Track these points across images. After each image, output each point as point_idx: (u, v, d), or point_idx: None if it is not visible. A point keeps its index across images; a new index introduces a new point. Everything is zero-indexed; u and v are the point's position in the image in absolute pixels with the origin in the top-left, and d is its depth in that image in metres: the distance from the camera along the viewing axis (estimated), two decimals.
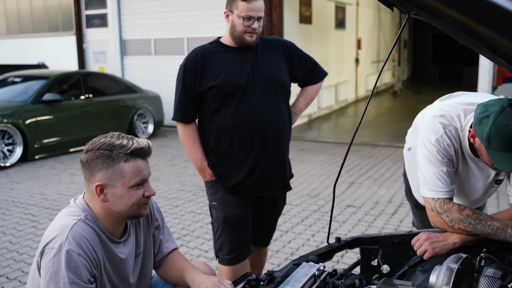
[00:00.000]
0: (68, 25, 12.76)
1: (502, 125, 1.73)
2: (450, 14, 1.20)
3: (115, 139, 1.80)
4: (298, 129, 10.73)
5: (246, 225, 2.89)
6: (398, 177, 6.75)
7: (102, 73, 10.54)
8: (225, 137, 2.75)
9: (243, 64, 2.72)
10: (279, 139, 2.82)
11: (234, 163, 2.78)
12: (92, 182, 1.80)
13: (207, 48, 2.76)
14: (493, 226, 1.90)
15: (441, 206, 2.02)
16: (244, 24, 2.63)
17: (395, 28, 19.50)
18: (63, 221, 1.78)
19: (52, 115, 8.32)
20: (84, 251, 1.72)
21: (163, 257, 2.15)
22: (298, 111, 3.08)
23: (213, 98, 2.70)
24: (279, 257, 4.26)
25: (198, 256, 4.27)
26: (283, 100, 2.84)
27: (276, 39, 2.94)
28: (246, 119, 2.71)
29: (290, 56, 2.88)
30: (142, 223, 2.05)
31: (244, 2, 2.59)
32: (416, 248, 2.00)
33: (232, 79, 2.68)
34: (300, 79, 2.99)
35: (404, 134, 2.11)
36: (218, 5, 10.46)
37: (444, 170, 2.05)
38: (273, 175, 2.86)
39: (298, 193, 6.06)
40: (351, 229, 4.86)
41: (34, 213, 5.48)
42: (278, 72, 2.79)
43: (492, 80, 8.94)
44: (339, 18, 13.37)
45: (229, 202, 2.81)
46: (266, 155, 2.78)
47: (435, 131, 2.04)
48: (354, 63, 14.97)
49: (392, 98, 15.86)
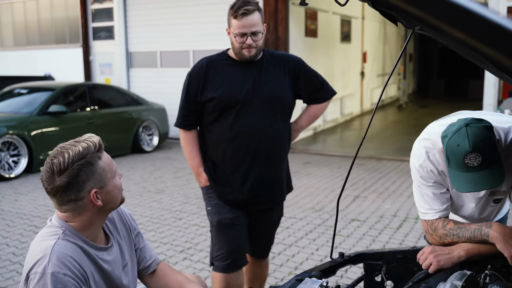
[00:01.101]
0: (75, 37, 12.85)
1: (455, 145, 1.79)
2: (453, 33, 1.19)
3: (74, 147, 1.74)
4: (303, 142, 10.73)
5: (241, 230, 2.91)
6: (403, 191, 6.72)
7: (108, 85, 10.59)
8: (220, 148, 2.81)
9: (245, 79, 2.74)
10: (273, 156, 2.83)
11: (227, 174, 2.84)
12: (83, 196, 1.74)
13: (213, 60, 2.81)
14: (471, 229, 1.95)
15: (431, 227, 2.08)
16: (238, 41, 2.67)
17: (400, 42, 19.53)
18: (42, 243, 1.73)
19: (58, 127, 8.36)
20: (70, 269, 1.67)
21: (147, 266, 2.12)
22: (299, 128, 3.09)
23: (212, 109, 2.76)
24: (282, 271, 4.23)
25: (201, 269, 4.25)
26: (283, 117, 2.86)
27: (284, 55, 2.93)
28: (241, 133, 2.75)
29: (296, 73, 2.88)
30: (123, 235, 2.03)
31: (235, 19, 2.64)
32: (421, 262, 1.99)
33: (232, 92, 2.71)
34: (305, 97, 2.99)
35: (409, 147, 2.11)
36: (223, 18, 10.50)
37: (429, 193, 2.08)
38: (263, 190, 2.87)
39: (302, 207, 6.04)
40: (356, 243, 4.83)
41: (38, 225, 5.48)
42: (280, 89, 2.80)
43: (497, 94, 8.91)
44: (344, 32, 13.41)
45: (223, 207, 2.87)
46: (258, 170, 2.81)
47: (418, 156, 2.09)
48: (360, 76, 14.98)
49: (397, 111, 15.85)
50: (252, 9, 2.62)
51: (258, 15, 2.65)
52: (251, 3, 2.63)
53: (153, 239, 4.96)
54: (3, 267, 4.37)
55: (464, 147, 1.76)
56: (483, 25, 1.06)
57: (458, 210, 2.24)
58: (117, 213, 2.05)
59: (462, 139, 1.77)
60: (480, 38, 1.09)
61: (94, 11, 12.45)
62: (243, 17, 2.61)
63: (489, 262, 1.93)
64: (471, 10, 1.04)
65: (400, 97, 17.14)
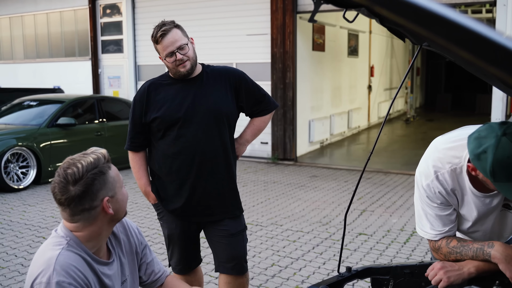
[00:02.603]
0: (84, 50, 12.98)
1: (504, 158, 1.67)
2: (459, 53, 1.21)
3: (85, 158, 1.79)
4: (309, 156, 10.73)
5: (189, 242, 3.06)
6: (410, 205, 6.70)
7: (116, 98, 10.66)
8: (166, 163, 2.92)
9: (185, 96, 2.86)
10: (216, 168, 2.90)
11: (174, 188, 2.93)
12: (96, 205, 1.77)
13: (154, 82, 2.96)
14: (473, 248, 1.94)
15: (434, 246, 2.09)
16: (170, 62, 2.79)
17: (408, 56, 19.55)
18: (46, 254, 1.74)
19: (66, 139, 8.42)
20: (75, 279, 1.69)
21: (156, 279, 2.14)
22: (244, 142, 3.14)
23: (157, 128, 2.89)
24: (289, 284, 4.23)
25: (208, 282, 4.25)
26: (225, 130, 2.92)
27: (224, 68, 3.01)
28: (184, 148, 2.85)
29: (237, 85, 2.96)
30: (126, 250, 2.04)
31: (158, 45, 2.79)
32: (431, 278, 1.98)
33: (172, 111, 2.84)
34: (247, 109, 3.05)
35: (416, 161, 2.10)
36: (233, 32, 10.61)
37: (433, 214, 2.06)
38: (212, 201, 2.93)
39: (309, 220, 6.03)
40: (363, 258, 4.81)
41: (46, 236, 5.50)
42: (221, 102, 2.89)
43: (506, 108, 8.89)
44: (352, 46, 13.46)
45: (171, 222, 3.02)
46: (203, 183, 2.89)
47: (426, 175, 2.04)
48: (367, 90, 15.00)
49: (404, 125, 15.82)
50: (168, 28, 2.75)
51: (177, 31, 2.78)
52: (165, 24, 2.77)
53: (160, 251, 4.97)
54: (11, 277, 4.39)
55: None
56: (489, 47, 1.07)
57: (481, 226, 2.17)
58: (123, 227, 2.06)
59: (510, 149, 1.65)
60: (486, 58, 1.11)
61: (103, 25, 12.58)
62: (163, 38, 2.74)
63: (496, 277, 1.93)
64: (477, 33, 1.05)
65: (408, 111, 17.12)
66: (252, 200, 7.00)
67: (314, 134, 11.14)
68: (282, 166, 9.82)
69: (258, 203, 6.85)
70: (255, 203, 6.86)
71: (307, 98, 10.73)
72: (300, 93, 10.26)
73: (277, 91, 10.02)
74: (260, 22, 10.23)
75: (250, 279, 4.24)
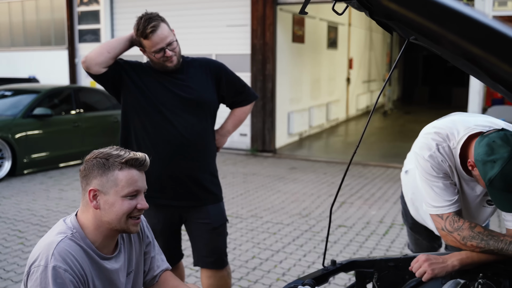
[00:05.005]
0: (61, 39, 12.75)
1: (509, 174, 1.74)
2: (453, 40, 1.20)
3: (114, 150, 1.85)
4: (288, 148, 10.75)
5: (171, 236, 3.02)
6: (389, 197, 6.76)
7: (94, 88, 10.49)
8: (147, 152, 2.84)
9: (166, 85, 2.82)
10: (197, 156, 2.87)
11: (155, 176, 2.79)
12: (87, 189, 1.82)
13: (143, 65, 2.92)
14: (505, 240, 1.91)
15: (451, 225, 2.03)
16: (157, 58, 2.74)
17: (386, 49, 19.68)
18: (48, 239, 1.78)
19: (42, 130, 8.26)
20: (70, 267, 1.71)
21: (154, 276, 2.13)
22: (225, 133, 3.13)
23: (134, 109, 2.86)
24: (270, 277, 4.23)
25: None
26: (206, 118, 2.92)
27: (204, 59, 3.00)
28: (165, 136, 2.80)
29: (218, 75, 2.96)
30: (134, 241, 2.04)
31: (146, 40, 2.70)
32: (415, 270, 1.99)
33: (151, 98, 2.80)
34: (228, 100, 3.06)
35: (394, 153, 2.12)
36: (212, 23, 10.53)
37: (440, 185, 2.07)
38: (193, 187, 2.88)
39: (289, 212, 6.04)
40: (343, 250, 4.84)
41: (21, 229, 5.41)
42: (202, 91, 2.88)
43: (482, 101, 9.02)
44: (331, 38, 13.48)
45: (153, 217, 2.88)
46: (177, 166, 2.83)
47: (428, 147, 2.07)
48: (346, 82, 15.07)
49: (382, 117, 15.95)
50: (157, 23, 2.68)
51: (165, 26, 2.72)
52: (153, 18, 2.69)
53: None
54: None
55: None
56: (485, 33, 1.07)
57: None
58: None
59: None
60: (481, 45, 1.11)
61: (81, 14, 12.37)
62: (153, 34, 2.67)
63: (480, 270, 1.95)
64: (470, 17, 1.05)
65: (385, 103, 17.26)
66: (232, 192, 6.98)
67: (293, 126, 11.15)
68: (261, 158, 9.82)
69: (238, 195, 6.83)
70: (235, 195, 6.85)
71: (286, 90, 10.73)
72: (279, 85, 10.25)
73: (257, 82, 9.99)
74: (240, 13, 10.18)
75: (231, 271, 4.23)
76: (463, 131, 2.01)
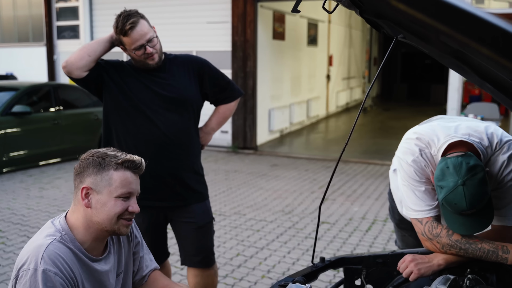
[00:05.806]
0: (39, 35, 12.57)
1: (452, 203, 1.85)
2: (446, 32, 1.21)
3: (111, 151, 1.85)
4: (270, 144, 10.77)
5: (156, 236, 3.00)
6: (370, 193, 6.81)
7: (73, 86, 10.33)
8: (130, 151, 2.84)
9: (149, 84, 2.80)
10: (179, 154, 2.86)
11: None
12: (79, 187, 1.81)
13: (122, 63, 2.91)
14: (483, 249, 1.93)
15: (430, 231, 2.04)
16: (138, 55, 2.71)
17: (365, 46, 19.82)
18: (36, 242, 1.75)
19: (21, 128, 8.14)
20: (61, 270, 1.69)
21: (143, 276, 2.12)
22: (210, 130, 3.11)
23: (115, 106, 2.82)
24: (255, 274, 4.24)
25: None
26: (189, 116, 2.89)
27: (187, 56, 2.98)
28: (147, 135, 2.79)
29: (201, 72, 2.93)
30: (123, 242, 2.03)
31: (125, 37, 2.66)
32: (401, 270, 2.02)
33: (133, 96, 2.78)
34: (211, 97, 3.03)
35: (374, 150, 2.15)
36: (194, 19, 10.47)
37: (423, 189, 2.08)
38: (178, 186, 2.87)
39: (272, 209, 6.06)
40: (327, 246, 4.87)
41: (2, 229, 5.33)
42: (184, 89, 2.86)
43: (461, 98, 9.14)
44: (311, 35, 13.52)
45: (137, 217, 2.85)
46: (160, 166, 2.81)
47: (411, 152, 2.09)
48: (326, 79, 15.14)
49: (362, 114, 16.07)
50: (136, 19, 2.65)
51: (144, 22, 2.69)
52: (132, 15, 2.66)
53: None
54: None
55: (461, 207, 1.83)
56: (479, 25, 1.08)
57: None
58: None
59: (459, 199, 1.82)
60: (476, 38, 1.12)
61: (59, 10, 12.20)
62: (132, 31, 2.64)
63: (467, 266, 1.98)
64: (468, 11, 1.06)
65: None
66: (214, 189, 6.97)
67: (274, 123, 11.17)
68: (243, 155, 9.82)
69: (220, 193, 6.83)
70: (217, 192, 6.84)
71: (267, 87, 10.74)
72: (260, 82, 10.25)
73: (238, 79, 9.98)
74: (220, 10, 10.15)
75: None
76: (443, 138, 2.02)
